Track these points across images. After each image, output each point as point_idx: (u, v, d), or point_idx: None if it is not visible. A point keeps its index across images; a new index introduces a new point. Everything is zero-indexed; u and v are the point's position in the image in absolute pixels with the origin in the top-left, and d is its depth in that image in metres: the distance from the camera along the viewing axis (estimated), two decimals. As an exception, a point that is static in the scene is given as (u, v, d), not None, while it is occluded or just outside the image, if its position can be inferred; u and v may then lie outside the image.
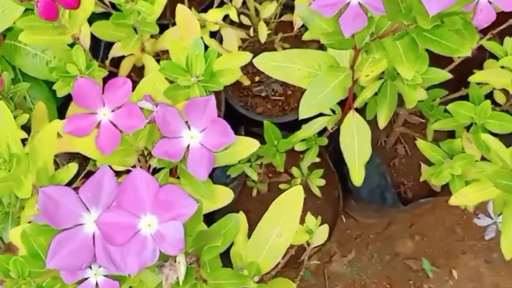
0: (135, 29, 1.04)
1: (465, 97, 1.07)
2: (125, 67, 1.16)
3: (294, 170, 1.13)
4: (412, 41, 0.68)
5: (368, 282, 1.53)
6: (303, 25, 1.22)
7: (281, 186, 1.14)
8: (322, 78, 0.79)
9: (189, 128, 0.67)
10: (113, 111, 0.68)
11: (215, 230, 0.60)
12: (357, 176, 0.88)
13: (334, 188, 1.30)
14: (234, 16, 1.10)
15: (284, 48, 1.31)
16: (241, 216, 0.62)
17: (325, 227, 0.95)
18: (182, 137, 0.66)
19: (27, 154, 0.86)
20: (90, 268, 0.65)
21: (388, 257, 1.55)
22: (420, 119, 1.39)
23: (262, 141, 0.99)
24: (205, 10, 1.23)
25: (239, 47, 1.25)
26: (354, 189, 1.33)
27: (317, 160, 1.08)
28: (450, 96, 1.19)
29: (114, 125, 0.67)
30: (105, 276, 0.65)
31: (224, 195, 0.84)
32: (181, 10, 1.06)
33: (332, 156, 1.32)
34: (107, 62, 1.12)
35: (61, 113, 1.11)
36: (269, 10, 1.23)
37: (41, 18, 0.85)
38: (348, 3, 0.62)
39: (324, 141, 1.05)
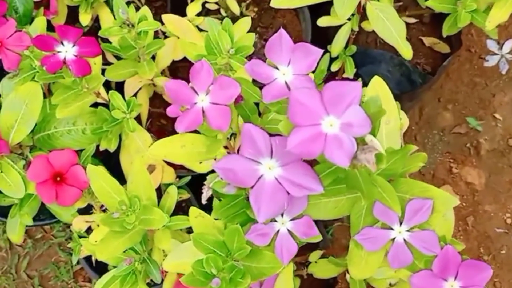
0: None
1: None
2: (143, 100, 1.19)
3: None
4: None
5: (434, 167, 1.60)
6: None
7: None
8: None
9: (277, 68, 0.71)
10: (207, 94, 0.72)
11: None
12: (406, 50, 0.94)
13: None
14: (212, -1, 1.14)
15: (255, 12, 1.37)
16: (378, 97, 0.66)
17: (402, 113, 1.00)
18: (277, 78, 0.71)
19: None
20: (276, 221, 0.70)
21: (437, 136, 1.62)
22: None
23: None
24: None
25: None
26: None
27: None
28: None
29: (216, 104, 0.72)
30: (291, 220, 0.70)
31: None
32: (168, 18, 1.10)
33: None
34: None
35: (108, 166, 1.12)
36: (228, -15, 1.28)
37: (76, 77, 0.89)
38: None
39: (353, 49, 1.10)
